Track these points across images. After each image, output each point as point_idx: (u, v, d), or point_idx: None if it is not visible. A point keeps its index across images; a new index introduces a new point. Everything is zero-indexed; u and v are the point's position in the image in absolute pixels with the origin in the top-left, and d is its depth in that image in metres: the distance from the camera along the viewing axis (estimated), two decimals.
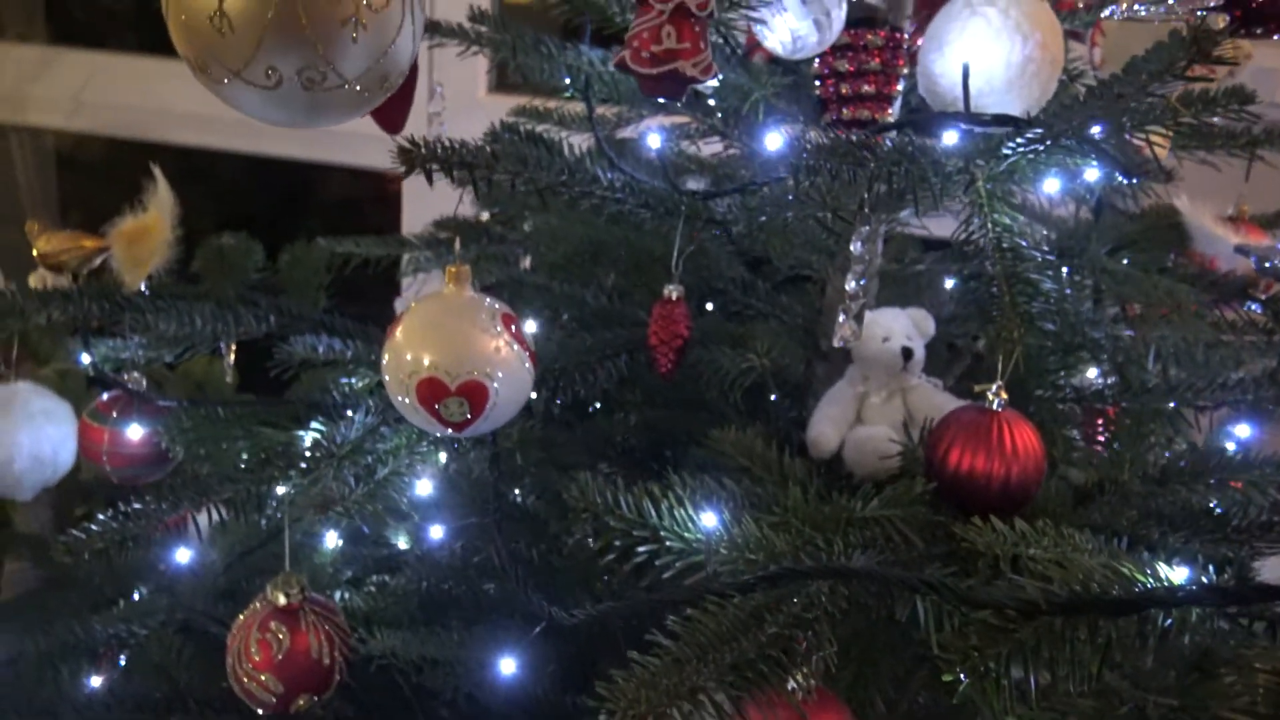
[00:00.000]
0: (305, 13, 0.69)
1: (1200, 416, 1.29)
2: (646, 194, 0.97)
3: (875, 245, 1.26)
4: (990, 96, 0.99)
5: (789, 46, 1.10)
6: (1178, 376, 1.34)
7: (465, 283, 0.87)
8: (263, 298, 1.23)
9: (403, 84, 0.97)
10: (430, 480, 1.12)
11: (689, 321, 1.07)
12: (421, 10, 0.77)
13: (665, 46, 0.77)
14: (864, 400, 1.24)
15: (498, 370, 0.85)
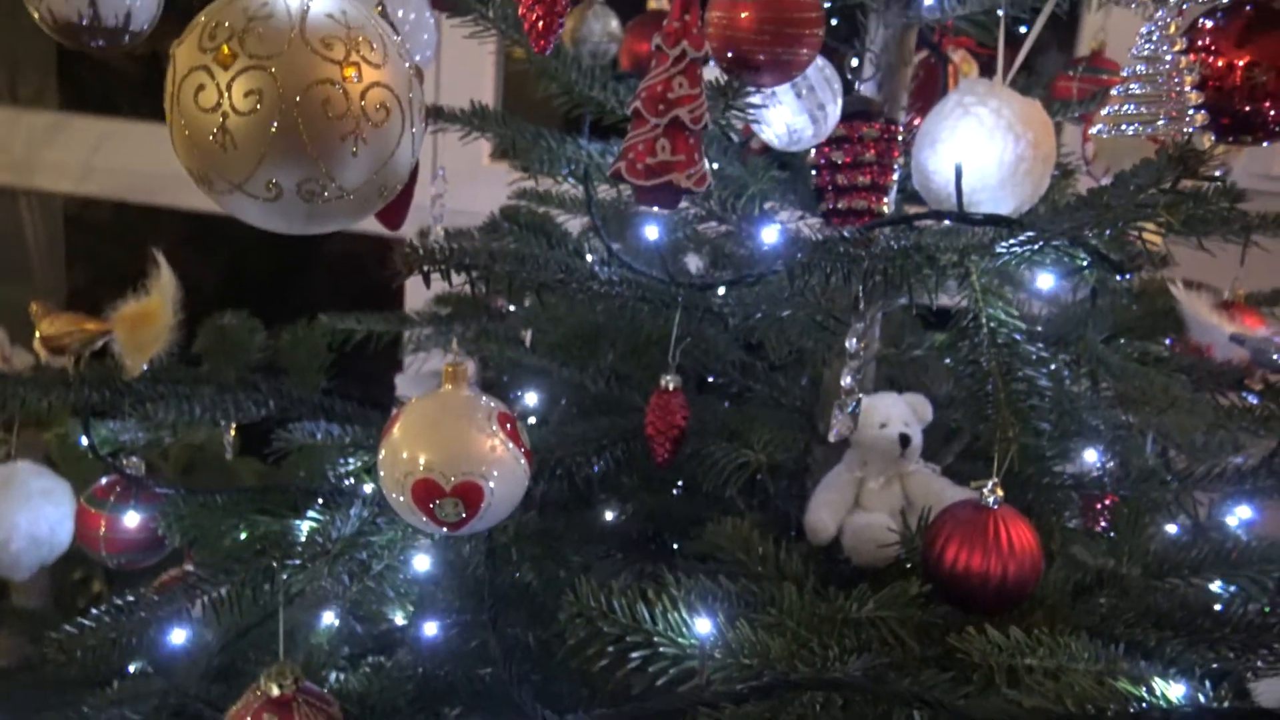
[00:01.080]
0: (306, 129, 0.70)
1: (1200, 503, 1.29)
2: (643, 287, 0.98)
3: (873, 330, 1.27)
4: (983, 194, 1.00)
5: (785, 139, 1.12)
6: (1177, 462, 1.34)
7: (463, 381, 0.88)
8: (263, 381, 1.24)
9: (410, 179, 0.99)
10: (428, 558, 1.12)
11: (686, 411, 1.08)
12: (422, 119, 0.78)
13: (660, 159, 0.79)
14: (862, 485, 1.24)
15: (493, 470, 0.86)
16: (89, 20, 1.06)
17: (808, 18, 0.90)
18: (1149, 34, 0.73)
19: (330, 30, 0.71)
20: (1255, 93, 0.81)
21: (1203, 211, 0.95)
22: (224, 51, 0.69)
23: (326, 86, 0.70)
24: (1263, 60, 0.80)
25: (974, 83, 1.02)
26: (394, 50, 0.75)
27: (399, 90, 0.74)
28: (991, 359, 0.96)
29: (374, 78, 0.72)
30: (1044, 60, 2.54)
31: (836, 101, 1.11)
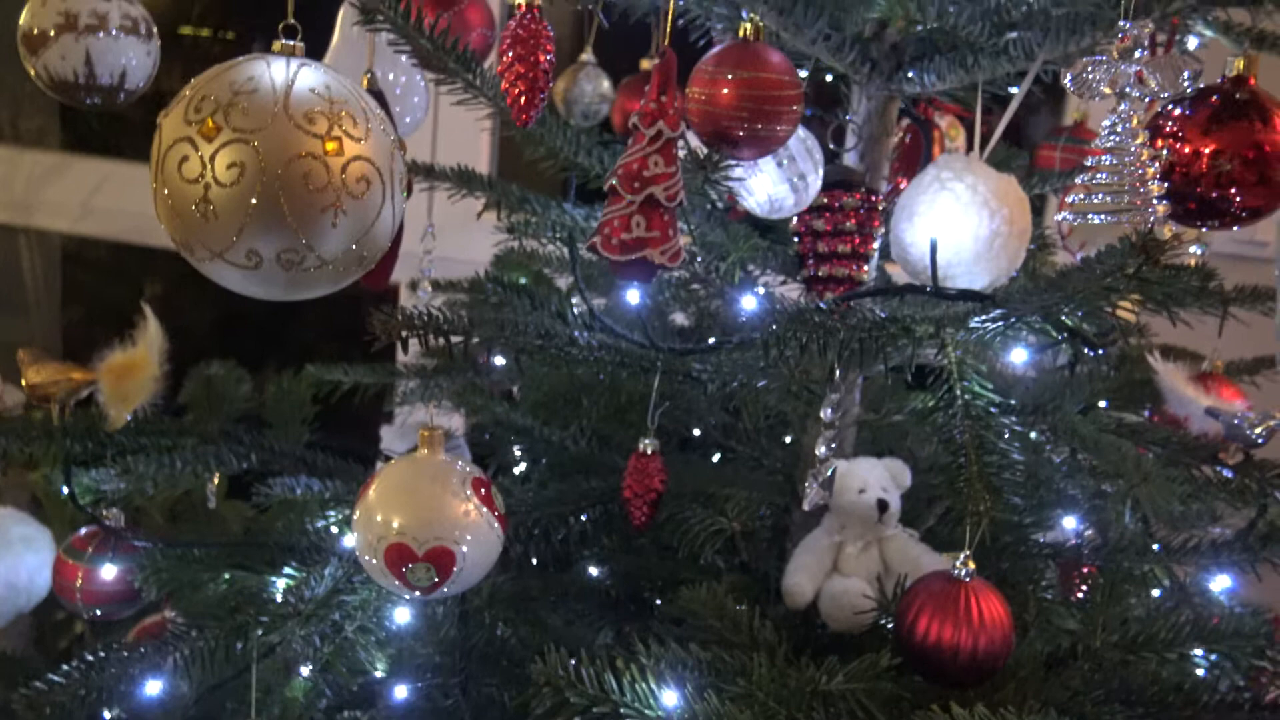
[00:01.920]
0: (287, 202, 0.71)
1: (1185, 571, 1.30)
2: (622, 352, 0.99)
3: (853, 395, 1.28)
4: (959, 267, 1.02)
5: (766, 207, 1.13)
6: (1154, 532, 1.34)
7: (438, 446, 0.89)
8: (246, 433, 1.25)
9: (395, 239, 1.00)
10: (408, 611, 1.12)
11: (663, 475, 1.08)
12: (402, 190, 0.80)
13: (635, 235, 0.80)
14: (840, 550, 1.24)
15: (466, 535, 0.86)
16: (84, 79, 1.08)
17: (786, 95, 0.92)
18: (1113, 125, 0.75)
19: (314, 105, 0.73)
20: (1220, 180, 0.83)
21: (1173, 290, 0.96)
22: (209, 124, 0.71)
23: (308, 160, 0.72)
24: (1227, 149, 0.82)
25: (952, 158, 1.04)
26: (377, 124, 0.76)
27: (380, 163, 0.76)
28: (965, 431, 0.97)
29: (355, 151, 0.74)
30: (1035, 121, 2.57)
31: (817, 171, 1.13)
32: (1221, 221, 0.86)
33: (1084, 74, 0.75)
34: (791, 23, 1.05)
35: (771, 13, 1.03)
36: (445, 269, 1.56)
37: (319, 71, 0.75)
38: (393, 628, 1.12)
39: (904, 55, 1.15)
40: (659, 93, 0.81)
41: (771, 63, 0.92)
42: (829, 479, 1.02)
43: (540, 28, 0.81)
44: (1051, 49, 1.02)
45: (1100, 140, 0.75)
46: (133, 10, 1.10)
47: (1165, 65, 0.75)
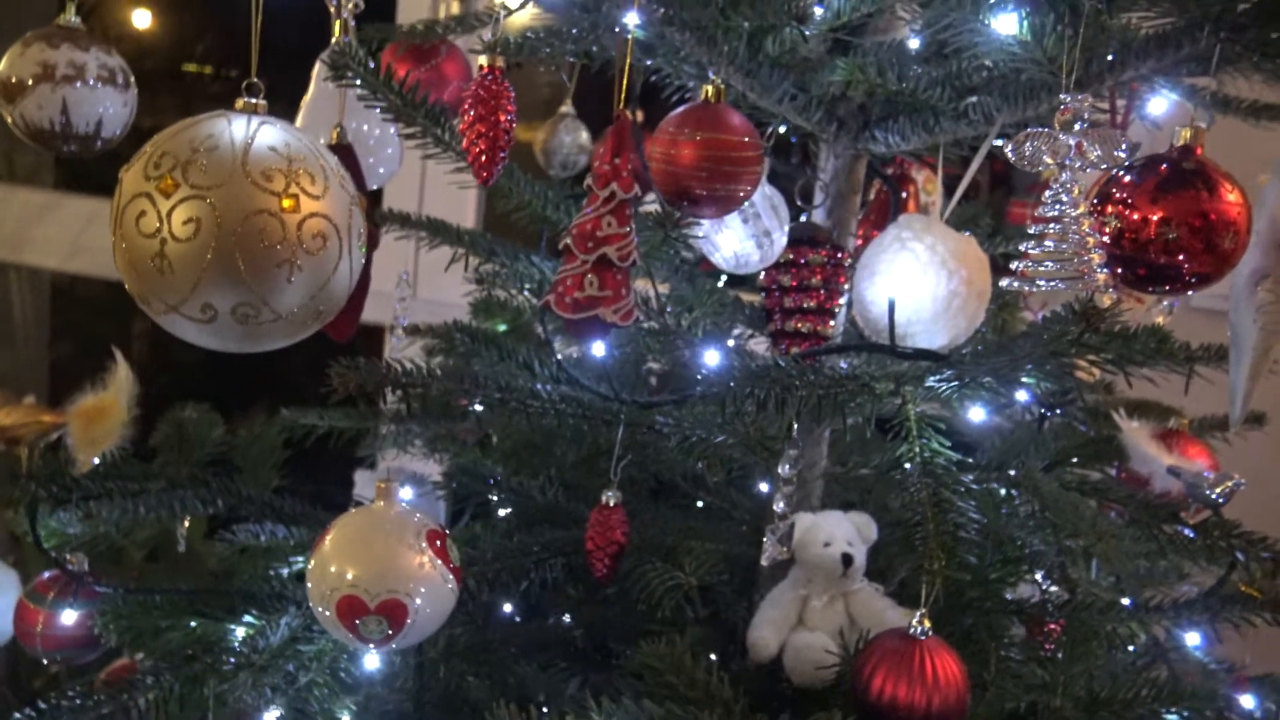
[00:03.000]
0: (242, 257, 0.73)
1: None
2: (586, 405, 0.99)
3: (820, 448, 1.29)
4: (918, 326, 1.03)
5: (732, 263, 1.15)
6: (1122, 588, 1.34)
7: (393, 498, 0.89)
8: (214, 479, 1.25)
9: (355, 296, 1.01)
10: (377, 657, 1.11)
11: (625, 527, 1.09)
12: (361, 245, 0.81)
13: (588, 293, 0.81)
14: (806, 603, 1.24)
15: (419, 587, 0.86)
16: (60, 128, 1.10)
17: (746, 156, 0.94)
18: (1055, 195, 0.76)
19: (272, 163, 0.74)
20: (1168, 246, 0.84)
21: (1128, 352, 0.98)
22: (167, 181, 0.72)
23: (264, 217, 0.73)
24: (1174, 217, 0.84)
25: (912, 218, 1.05)
26: (335, 181, 0.78)
27: (337, 219, 0.77)
28: (923, 488, 0.98)
29: (312, 208, 0.75)
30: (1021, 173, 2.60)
31: (783, 228, 1.14)
32: (1172, 287, 0.87)
33: (1025, 145, 0.77)
34: (757, 84, 1.07)
35: (738, 74, 1.05)
36: (432, 313, 1.57)
37: (279, 129, 0.77)
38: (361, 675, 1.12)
39: (870, 115, 1.18)
40: (613, 155, 0.82)
41: (732, 124, 0.94)
42: (787, 534, 1.02)
43: (502, 88, 0.83)
44: (1010, 113, 1.04)
45: (1043, 209, 0.77)
46: (110, 61, 1.12)
47: (1104, 137, 0.76)
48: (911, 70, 1.07)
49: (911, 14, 1.02)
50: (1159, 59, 0.90)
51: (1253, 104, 1.26)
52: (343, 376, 0.84)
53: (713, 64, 1.04)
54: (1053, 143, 0.76)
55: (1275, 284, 0.91)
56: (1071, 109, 0.76)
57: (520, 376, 1.09)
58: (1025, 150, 0.76)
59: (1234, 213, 0.84)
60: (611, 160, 0.82)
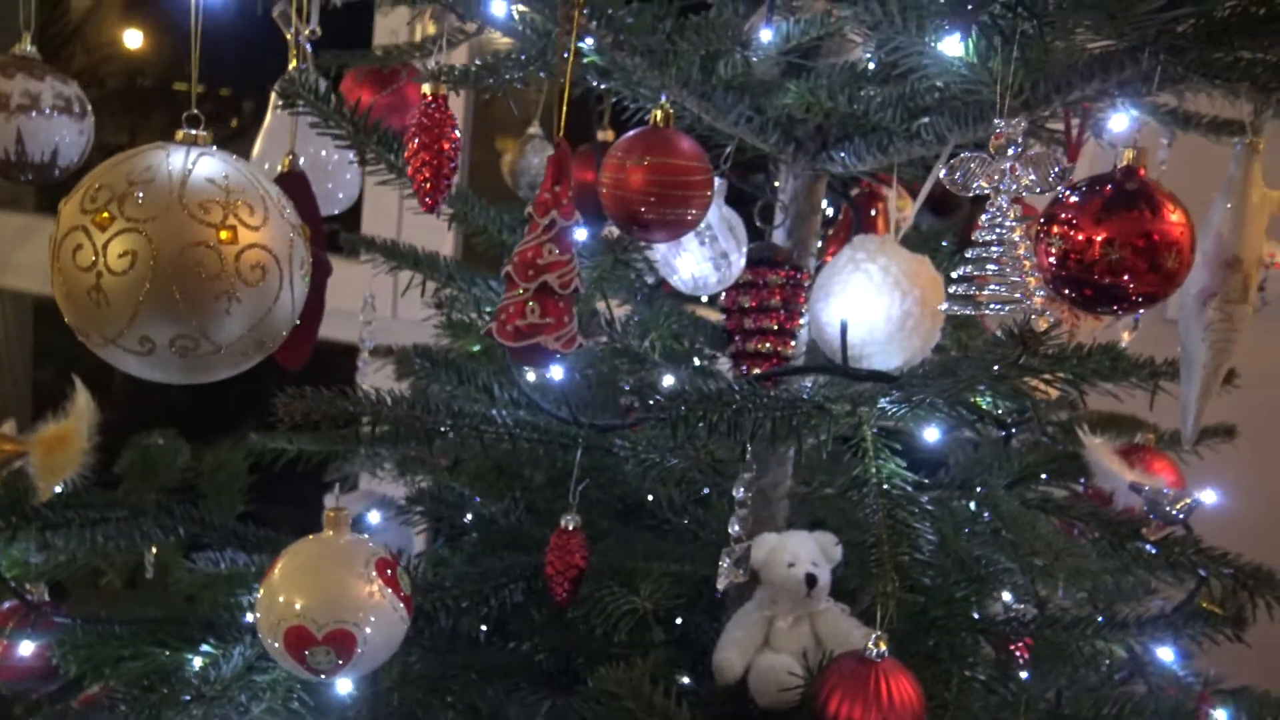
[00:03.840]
0: (179, 290, 0.72)
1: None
2: (542, 429, 0.99)
3: (785, 468, 1.29)
4: (872, 347, 1.03)
5: (690, 285, 1.15)
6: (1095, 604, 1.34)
7: (344, 526, 0.89)
8: (177, 506, 1.24)
9: (306, 324, 1.01)
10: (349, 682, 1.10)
11: (586, 551, 1.08)
12: (304, 275, 0.81)
13: (529, 321, 0.81)
14: (772, 624, 1.24)
15: (369, 617, 0.86)
16: (16, 157, 1.10)
17: (694, 180, 0.94)
18: (991, 219, 0.76)
19: (209, 195, 0.74)
20: (1113, 267, 0.84)
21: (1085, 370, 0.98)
22: (103, 214, 0.72)
23: (201, 249, 0.73)
24: (1118, 237, 0.84)
25: (866, 239, 1.05)
26: (276, 211, 0.78)
27: (277, 250, 0.77)
28: (879, 510, 0.98)
29: (251, 240, 0.75)
30: None
31: (740, 250, 1.15)
32: (1119, 307, 0.87)
33: (960, 170, 0.77)
34: (712, 106, 1.08)
35: (692, 97, 1.06)
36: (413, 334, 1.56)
37: (219, 160, 0.77)
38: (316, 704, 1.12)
39: (828, 136, 1.18)
40: (553, 183, 0.82)
41: (681, 148, 0.94)
42: (743, 557, 1.02)
43: (445, 116, 0.83)
44: (961, 134, 1.04)
45: (980, 233, 0.77)
46: (66, 90, 1.12)
47: (1038, 161, 0.76)
48: (865, 92, 1.07)
49: (862, 36, 1.02)
50: (1103, 80, 0.90)
51: (1213, 120, 1.27)
52: (288, 406, 0.84)
53: (665, 88, 1.04)
54: (987, 167, 0.76)
55: (1223, 303, 0.91)
56: (1005, 134, 0.76)
57: (479, 401, 1.09)
58: (959, 175, 0.76)
59: (1177, 233, 0.85)
60: (552, 188, 0.82)
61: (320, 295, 1.01)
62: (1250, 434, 1.66)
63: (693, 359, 1.26)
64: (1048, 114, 0.99)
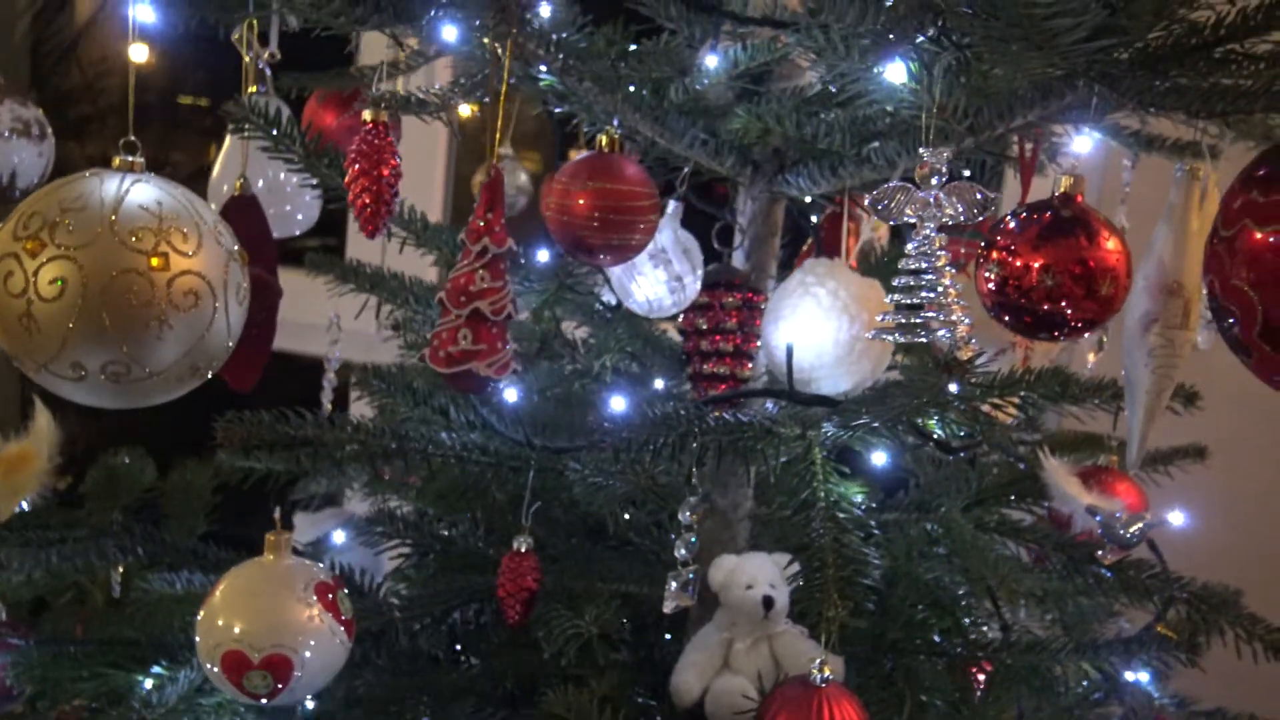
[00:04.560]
0: (109, 316, 0.73)
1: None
2: (490, 453, 0.99)
3: (745, 490, 1.29)
4: (821, 370, 1.03)
5: (645, 307, 1.15)
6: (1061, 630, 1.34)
7: (284, 550, 0.89)
8: (139, 525, 1.25)
9: (256, 346, 1.02)
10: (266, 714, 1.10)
11: (537, 574, 1.09)
12: (241, 300, 0.81)
13: (461, 348, 0.82)
14: (731, 646, 1.24)
15: (309, 640, 0.86)
16: None
17: (640, 205, 0.94)
18: (918, 248, 0.77)
19: (142, 222, 0.75)
20: (1051, 294, 0.84)
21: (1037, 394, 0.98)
22: (34, 241, 0.73)
23: (132, 275, 0.73)
24: (1054, 264, 0.84)
25: (816, 262, 1.06)
26: (210, 238, 0.78)
27: (211, 276, 0.77)
28: (826, 534, 0.98)
29: (183, 266, 0.75)
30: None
31: (695, 272, 1.15)
32: (1060, 333, 0.88)
33: (885, 200, 0.77)
34: (665, 130, 1.08)
35: (644, 120, 1.06)
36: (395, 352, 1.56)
37: (153, 187, 0.77)
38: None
39: (785, 159, 1.18)
40: (486, 210, 0.83)
41: (625, 174, 0.95)
42: (690, 581, 1.02)
43: (384, 142, 0.84)
44: (910, 159, 1.05)
45: (906, 262, 0.77)
46: (25, 113, 1.13)
47: (963, 191, 0.77)
48: (817, 117, 1.08)
49: (809, 62, 1.03)
50: (1044, 107, 0.90)
51: (1176, 142, 1.27)
52: (226, 431, 0.84)
53: (616, 112, 1.04)
54: (911, 197, 0.76)
55: (1165, 328, 0.91)
56: (929, 163, 0.77)
57: (435, 423, 1.09)
58: (884, 205, 0.77)
59: (1113, 259, 0.85)
60: (484, 215, 0.83)
61: (271, 318, 1.02)
62: (1219, 455, 1.66)
63: (653, 381, 1.26)
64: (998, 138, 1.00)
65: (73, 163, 3.13)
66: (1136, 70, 0.84)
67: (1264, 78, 0.78)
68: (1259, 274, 0.59)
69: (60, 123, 3.26)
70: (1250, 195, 0.61)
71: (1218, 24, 0.78)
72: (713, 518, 1.30)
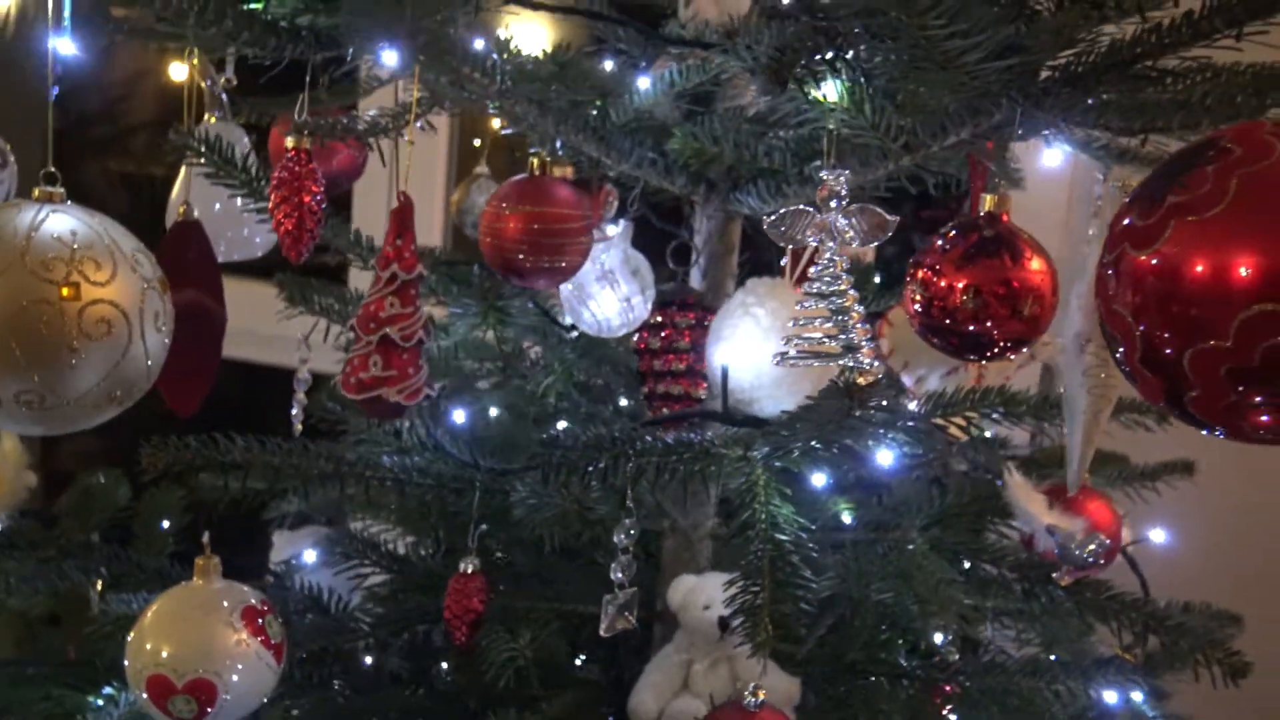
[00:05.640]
0: (19, 346, 0.74)
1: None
2: (432, 476, 1.00)
3: (706, 509, 1.28)
4: (762, 391, 1.02)
5: (594, 327, 1.15)
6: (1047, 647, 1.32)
7: (213, 575, 0.90)
8: (106, 546, 1.26)
9: (200, 369, 1.03)
10: None
11: (484, 595, 1.08)
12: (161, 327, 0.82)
13: (372, 374, 0.82)
14: (690, 667, 1.23)
15: (235, 665, 0.87)
16: None
17: (571, 228, 0.94)
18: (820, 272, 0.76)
19: (54, 252, 0.76)
20: (976, 315, 0.83)
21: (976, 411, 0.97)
22: None
23: (42, 305, 0.74)
24: (978, 284, 0.83)
25: (758, 283, 1.05)
26: (126, 266, 0.79)
27: (126, 304, 0.78)
28: (764, 555, 0.97)
29: (95, 295, 0.76)
30: None
31: (645, 293, 1.15)
32: (989, 354, 0.87)
33: (783, 222, 0.77)
34: (611, 150, 1.08)
35: (590, 141, 1.06)
36: None
37: (70, 216, 0.78)
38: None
39: (739, 177, 1.18)
40: (395, 236, 0.83)
41: (557, 197, 0.95)
42: (627, 603, 1.02)
43: (305, 169, 0.84)
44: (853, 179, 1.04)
45: (809, 285, 0.76)
46: None
47: (864, 213, 0.76)
48: (761, 136, 1.08)
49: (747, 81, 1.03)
50: (975, 126, 0.89)
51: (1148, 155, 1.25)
52: (151, 457, 0.85)
53: (559, 134, 1.05)
54: (811, 220, 0.76)
55: (1099, 348, 0.90)
56: (829, 186, 0.76)
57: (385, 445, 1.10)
58: (783, 227, 0.76)
59: (1037, 279, 0.84)
60: (394, 242, 0.83)
61: (215, 343, 1.03)
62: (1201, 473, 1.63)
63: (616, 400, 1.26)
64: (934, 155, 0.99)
65: (98, 186, 3.19)
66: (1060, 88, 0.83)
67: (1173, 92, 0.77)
68: (1138, 299, 0.58)
69: (79, 144, 3.29)
70: (1130, 218, 0.59)
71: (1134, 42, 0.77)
72: (674, 537, 1.30)
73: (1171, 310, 0.56)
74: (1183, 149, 0.60)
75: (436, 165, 2.68)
